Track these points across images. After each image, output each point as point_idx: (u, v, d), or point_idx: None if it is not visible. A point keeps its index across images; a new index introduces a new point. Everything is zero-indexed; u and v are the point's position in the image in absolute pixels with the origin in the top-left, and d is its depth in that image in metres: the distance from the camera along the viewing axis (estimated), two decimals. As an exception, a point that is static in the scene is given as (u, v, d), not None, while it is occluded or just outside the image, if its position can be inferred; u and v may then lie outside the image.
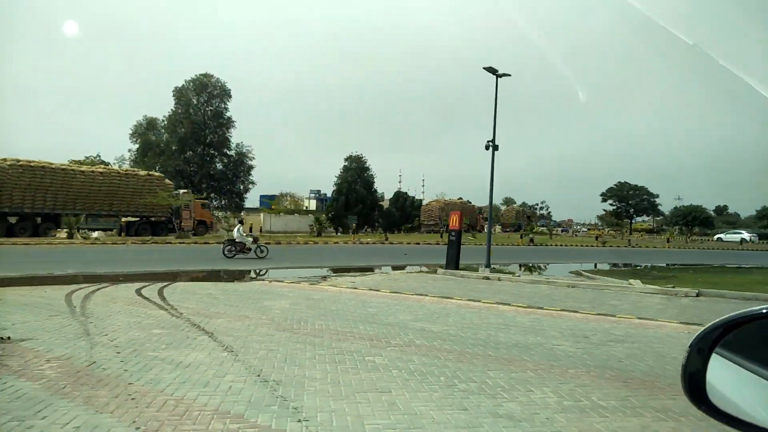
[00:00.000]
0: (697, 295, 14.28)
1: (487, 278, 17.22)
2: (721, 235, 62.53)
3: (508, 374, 5.73)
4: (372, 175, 68.22)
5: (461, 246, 19.70)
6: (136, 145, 56.55)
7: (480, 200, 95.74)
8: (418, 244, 36.07)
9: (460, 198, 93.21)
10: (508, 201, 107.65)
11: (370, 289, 12.92)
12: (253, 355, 6.14)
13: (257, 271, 18.41)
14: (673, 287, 15.17)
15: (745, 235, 60.98)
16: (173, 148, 54.85)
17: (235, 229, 22.88)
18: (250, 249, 22.24)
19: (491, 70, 19.83)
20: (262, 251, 22.52)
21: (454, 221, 19.74)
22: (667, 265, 28.84)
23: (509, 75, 20.30)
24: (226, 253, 21.99)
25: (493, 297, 12.53)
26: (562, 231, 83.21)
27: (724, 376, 1.22)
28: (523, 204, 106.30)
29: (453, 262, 18.90)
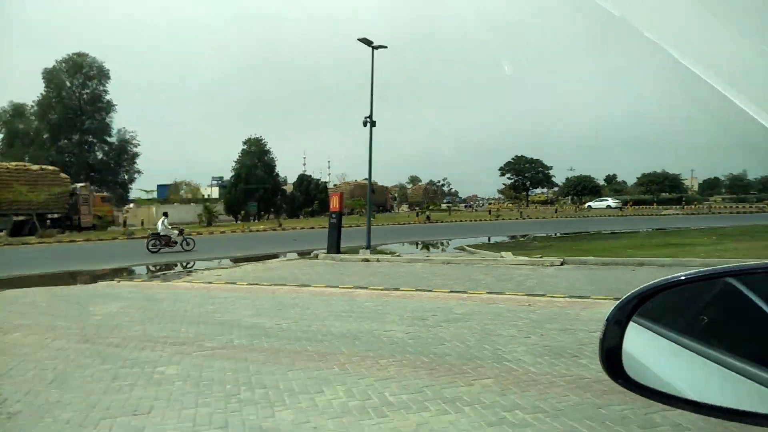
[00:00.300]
0: (562, 263, 14.72)
1: (367, 260, 16.89)
2: (591, 203, 66.68)
3: (311, 373, 5.21)
4: (273, 158, 66.28)
5: (353, 227, 19.40)
6: (0, 135, 50.84)
7: (389, 179, 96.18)
8: (313, 228, 35.28)
9: (366, 178, 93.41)
10: (414, 179, 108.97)
11: (227, 283, 12.07)
12: (13, 380, 5.19)
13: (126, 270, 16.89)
14: (541, 257, 15.59)
15: (610, 202, 65.72)
16: (44, 136, 49.79)
17: (159, 222, 21.71)
18: (176, 242, 21.37)
19: (366, 42, 19.27)
20: (188, 243, 21.70)
21: (334, 203, 19.18)
22: (555, 234, 30.18)
23: (385, 47, 19.87)
24: (150, 247, 20.89)
25: (357, 281, 12.13)
26: (465, 207, 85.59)
27: (643, 347, 1.20)
28: (430, 182, 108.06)
29: (334, 246, 18.37)
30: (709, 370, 1.04)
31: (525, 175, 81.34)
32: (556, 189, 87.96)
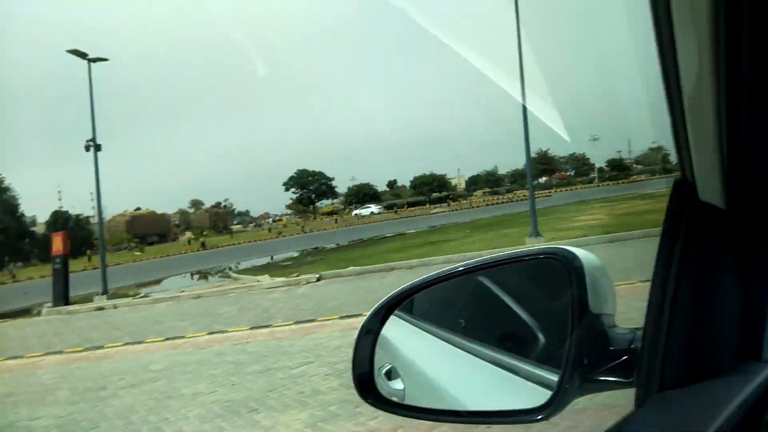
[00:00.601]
0: (318, 279, 14.26)
1: (102, 308, 14.40)
2: (357, 211, 69.59)
3: None
4: (15, 196, 56.53)
5: (122, 265, 16.63)
6: None
7: (171, 205, 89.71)
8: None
9: (138, 208, 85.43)
10: (197, 203, 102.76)
11: None
12: None
13: None
14: (298, 275, 14.96)
15: (373, 208, 69.49)
16: None
17: None
18: None
19: (79, 54, 16.56)
20: None
21: (57, 244, 16.05)
22: (329, 246, 30.21)
23: (106, 60, 17.37)
24: None
25: (67, 341, 9.96)
26: (254, 226, 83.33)
27: (401, 353, 1.18)
28: (217, 204, 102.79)
29: (61, 296, 15.38)
30: (470, 370, 1.05)
31: (309, 188, 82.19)
32: (340, 199, 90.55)
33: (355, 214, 66.47)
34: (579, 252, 0.88)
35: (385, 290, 1.09)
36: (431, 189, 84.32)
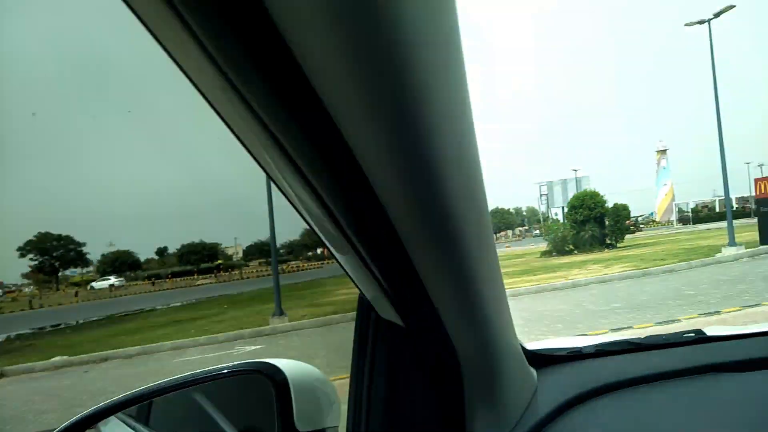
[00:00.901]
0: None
1: None
2: (93, 284, 62.29)
3: None
4: None
5: None
6: None
7: None
8: None
9: None
10: None
11: None
12: None
13: None
14: (-31, 374, 11.76)
15: (113, 280, 62.68)
16: None
17: None
18: None
19: None
20: None
21: None
22: (59, 326, 25.64)
23: None
24: None
25: None
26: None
27: None
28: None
29: None
30: None
31: (53, 254, 70.67)
32: (92, 268, 79.64)
33: (91, 287, 58.33)
34: (287, 365, 0.83)
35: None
36: (201, 258, 79.73)
